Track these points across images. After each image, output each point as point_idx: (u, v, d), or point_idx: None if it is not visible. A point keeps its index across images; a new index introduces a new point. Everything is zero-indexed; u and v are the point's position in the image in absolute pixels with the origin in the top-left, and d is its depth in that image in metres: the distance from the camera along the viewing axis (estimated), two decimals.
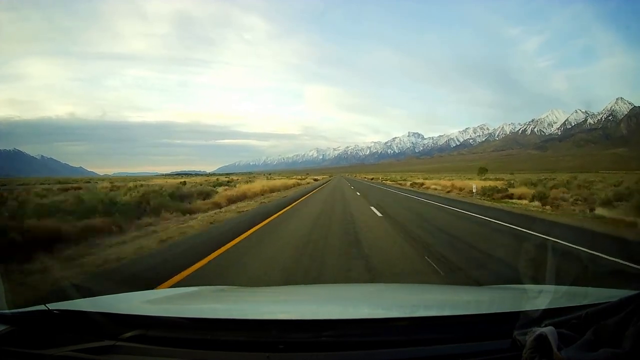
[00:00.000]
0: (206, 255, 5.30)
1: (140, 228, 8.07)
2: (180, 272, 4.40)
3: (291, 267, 4.87)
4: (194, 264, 4.81)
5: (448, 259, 5.23)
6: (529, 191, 17.61)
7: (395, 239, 6.88)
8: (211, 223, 9.18)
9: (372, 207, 12.95)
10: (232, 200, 15.74)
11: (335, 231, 7.85)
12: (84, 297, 1.76)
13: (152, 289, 3.43)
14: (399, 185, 39.58)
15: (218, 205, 13.82)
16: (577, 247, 6.06)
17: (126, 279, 4.39)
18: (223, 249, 5.88)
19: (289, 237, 7.14)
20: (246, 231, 7.67)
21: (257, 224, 8.80)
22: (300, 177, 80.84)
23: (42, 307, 1.24)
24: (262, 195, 20.99)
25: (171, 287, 3.72)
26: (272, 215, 10.75)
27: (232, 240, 6.61)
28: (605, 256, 5.44)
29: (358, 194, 22.77)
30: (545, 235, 7.02)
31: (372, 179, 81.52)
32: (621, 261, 5.12)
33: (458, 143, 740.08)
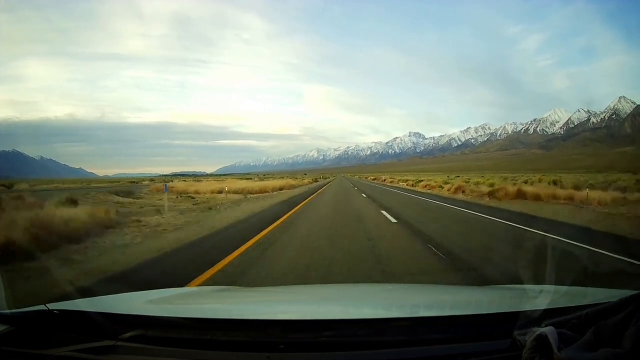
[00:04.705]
0: None
1: None
2: None
3: None
4: None
5: None
6: None
7: None
8: None
9: None
10: None
11: None
12: (84, 297, 1.76)
13: None
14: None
15: None
16: None
17: None
18: None
19: None
20: None
21: None
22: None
23: (42, 307, 1.24)
24: None
25: None
26: None
27: None
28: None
29: None
30: None
31: (399, 181, 45.77)
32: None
33: (460, 143, 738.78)
